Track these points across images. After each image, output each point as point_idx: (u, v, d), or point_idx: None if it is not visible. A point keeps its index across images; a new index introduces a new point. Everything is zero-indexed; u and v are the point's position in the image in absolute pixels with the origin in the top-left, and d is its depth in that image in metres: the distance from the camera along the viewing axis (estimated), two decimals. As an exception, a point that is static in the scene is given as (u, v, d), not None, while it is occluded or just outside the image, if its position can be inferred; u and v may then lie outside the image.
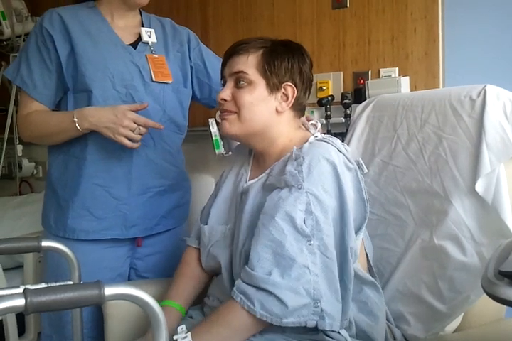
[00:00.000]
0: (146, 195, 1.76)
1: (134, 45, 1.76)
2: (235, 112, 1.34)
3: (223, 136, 2.16)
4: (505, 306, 1.28)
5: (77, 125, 1.60)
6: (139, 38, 1.77)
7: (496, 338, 1.30)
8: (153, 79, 1.73)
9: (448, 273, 1.36)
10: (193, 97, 1.92)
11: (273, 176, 1.30)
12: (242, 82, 1.33)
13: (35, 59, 1.69)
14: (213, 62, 1.89)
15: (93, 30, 1.71)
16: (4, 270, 2.21)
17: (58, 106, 1.75)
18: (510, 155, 1.34)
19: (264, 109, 1.33)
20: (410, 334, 1.39)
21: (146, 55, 1.75)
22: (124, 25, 1.77)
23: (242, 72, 1.33)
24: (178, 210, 1.88)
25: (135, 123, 1.57)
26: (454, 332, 1.39)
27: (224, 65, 1.39)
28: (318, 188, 1.21)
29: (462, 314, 1.38)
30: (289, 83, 1.34)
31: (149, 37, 1.77)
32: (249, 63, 1.33)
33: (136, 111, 1.59)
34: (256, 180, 1.37)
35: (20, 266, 2.28)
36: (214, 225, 1.44)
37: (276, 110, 1.34)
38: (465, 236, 1.36)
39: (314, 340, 1.21)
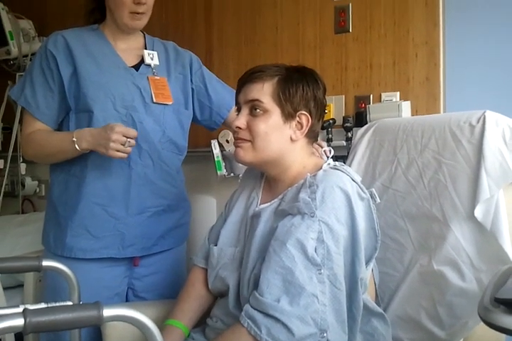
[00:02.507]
0: (144, 215, 1.78)
1: (137, 66, 1.79)
2: (250, 140, 1.34)
3: (225, 158, 2.19)
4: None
5: (76, 145, 1.63)
6: (142, 60, 1.80)
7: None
8: (154, 100, 1.76)
9: (447, 299, 1.36)
10: (194, 119, 1.94)
11: (286, 202, 1.31)
12: (257, 110, 1.33)
13: (38, 80, 1.72)
14: (215, 85, 1.92)
15: (96, 52, 1.75)
16: (4, 289, 2.20)
17: (61, 125, 1.78)
18: (509, 181, 1.35)
19: (279, 137, 1.33)
20: (410, 360, 1.39)
21: (147, 77, 1.78)
22: (127, 48, 1.81)
23: (258, 100, 1.33)
24: (177, 231, 1.89)
25: (124, 136, 1.59)
26: (453, 358, 1.39)
27: (239, 91, 1.39)
28: (330, 217, 1.22)
29: (461, 340, 1.37)
30: (304, 112, 1.34)
31: (152, 59, 1.80)
32: (264, 91, 1.33)
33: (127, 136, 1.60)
34: (268, 204, 1.37)
35: (21, 285, 2.28)
36: (223, 247, 1.44)
37: (291, 138, 1.34)
38: (464, 261, 1.36)
39: None
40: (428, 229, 1.44)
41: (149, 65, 1.80)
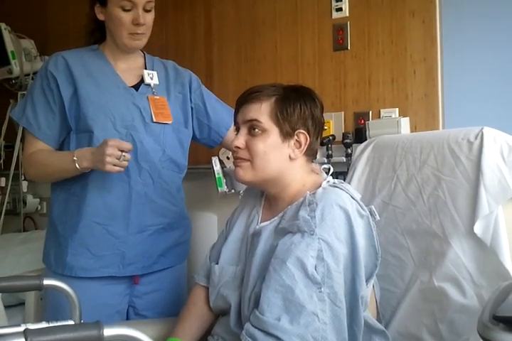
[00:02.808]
0: (145, 234, 1.79)
1: (136, 86, 1.81)
2: (249, 160, 1.35)
3: (226, 174, 2.19)
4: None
5: (76, 164, 1.65)
6: (142, 80, 1.82)
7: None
8: (154, 120, 1.78)
9: (448, 316, 1.36)
10: (193, 137, 1.96)
11: (286, 220, 1.31)
12: (255, 130, 1.34)
13: (40, 101, 1.74)
14: (213, 104, 1.94)
15: (96, 73, 1.77)
16: (5, 307, 2.19)
17: (62, 145, 1.80)
18: (508, 197, 1.36)
19: (278, 156, 1.35)
20: (411, 377, 1.38)
21: (147, 97, 1.80)
22: (127, 68, 1.83)
23: (256, 120, 1.34)
24: (177, 248, 1.89)
25: (120, 150, 1.59)
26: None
27: (237, 111, 1.40)
28: (330, 235, 1.22)
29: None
30: (302, 130, 1.35)
31: (151, 79, 1.82)
32: (262, 111, 1.34)
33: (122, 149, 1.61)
34: (268, 222, 1.38)
35: (22, 303, 2.27)
36: (224, 265, 1.44)
37: (290, 157, 1.35)
38: (464, 278, 1.36)
39: None
40: (428, 245, 1.45)
41: (149, 85, 1.82)
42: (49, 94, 1.74)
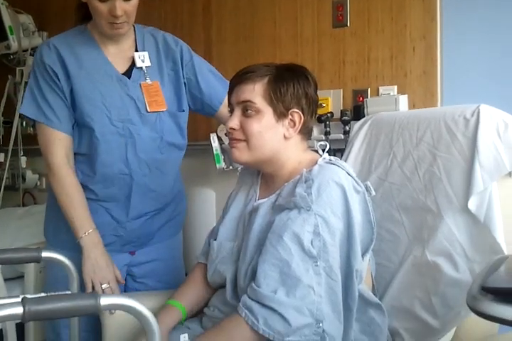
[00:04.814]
0: (142, 219, 1.83)
1: (128, 72, 1.78)
2: (244, 140, 1.36)
3: (224, 151, 2.20)
4: (497, 323, 1.29)
5: (80, 237, 1.66)
6: (133, 63, 1.79)
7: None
8: (148, 110, 1.77)
9: (441, 289, 1.38)
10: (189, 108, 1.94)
11: (283, 197, 1.33)
12: (249, 111, 1.34)
13: (52, 95, 1.72)
14: (206, 76, 1.90)
15: (88, 64, 1.74)
16: (5, 280, 2.22)
17: None
18: (503, 174, 1.37)
19: (273, 136, 1.35)
20: (404, 349, 1.41)
21: (140, 84, 1.78)
22: (117, 51, 1.79)
23: (249, 101, 1.34)
24: (172, 222, 1.93)
25: (109, 282, 1.66)
26: (446, 347, 1.41)
27: (230, 92, 1.40)
28: (326, 211, 1.24)
29: (454, 329, 1.39)
30: (296, 110, 1.35)
31: (143, 61, 1.79)
32: (255, 92, 1.34)
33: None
34: (266, 199, 1.39)
35: (21, 276, 2.30)
36: (223, 241, 1.46)
37: (284, 136, 1.36)
38: (458, 252, 1.38)
39: None
40: (423, 221, 1.46)
41: (141, 68, 1.79)
42: (55, 87, 1.71)
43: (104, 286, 1.64)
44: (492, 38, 1.90)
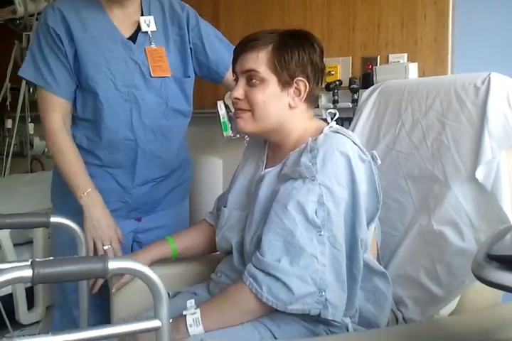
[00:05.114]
0: (148, 185, 1.84)
1: (134, 36, 1.77)
2: (249, 110, 1.34)
3: (231, 118, 2.19)
4: (501, 291, 1.30)
5: (79, 197, 1.67)
6: (139, 27, 1.77)
7: (488, 322, 1.32)
8: (152, 74, 1.76)
9: (446, 258, 1.38)
10: (195, 75, 1.92)
11: (288, 166, 1.32)
12: (254, 80, 1.32)
13: (52, 58, 1.71)
14: (212, 42, 1.88)
15: (93, 28, 1.73)
16: (14, 245, 2.26)
17: None
18: (512, 143, 1.36)
19: (278, 105, 1.34)
20: (407, 317, 1.42)
21: (145, 48, 1.76)
22: (123, 15, 1.77)
23: (254, 70, 1.32)
24: (178, 189, 1.95)
25: (111, 242, 1.67)
26: (450, 315, 1.42)
27: (235, 61, 1.38)
28: (331, 180, 1.24)
29: (458, 298, 1.41)
30: (301, 78, 1.33)
31: (148, 26, 1.77)
32: (259, 61, 1.32)
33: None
34: (272, 168, 1.39)
35: (30, 242, 2.33)
36: (232, 209, 1.48)
37: (290, 105, 1.34)
38: (464, 222, 1.37)
39: (317, 320, 1.25)
40: (429, 190, 1.46)
41: (146, 33, 1.77)
42: (58, 51, 1.70)
43: (105, 247, 1.65)
44: (506, 5, 1.87)
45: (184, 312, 1.24)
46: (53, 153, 1.75)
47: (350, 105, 2.10)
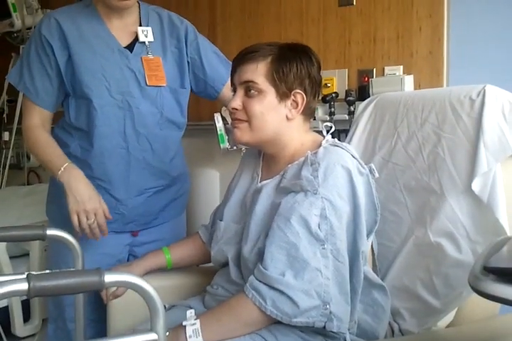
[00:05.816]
0: (144, 196, 1.82)
1: (131, 45, 1.78)
2: (246, 121, 1.35)
3: (228, 131, 2.20)
4: (498, 303, 1.30)
5: (58, 175, 1.64)
6: (137, 37, 1.78)
7: (485, 334, 1.32)
8: (147, 83, 1.76)
9: (443, 270, 1.39)
10: (191, 90, 1.93)
11: (287, 179, 1.33)
12: (252, 91, 1.34)
13: (36, 66, 1.72)
14: (210, 57, 1.89)
15: (89, 35, 1.73)
16: (10, 257, 2.25)
17: (61, 107, 1.80)
18: (507, 155, 1.36)
19: (275, 117, 1.35)
20: (404, 328, 1.42)
21: (141, 57, 1.77)
22: (121, 25, 1.78)
23: (252, 81, 1.33)
24: (176, 202, 1.93)
25: (95, 215, 1.62)
26: (447, 327, 1.42)
27: (233, 72, 1.40)
28: (333, 194, 1.25)
29: (455, 310, 1.40)
30: (299, 90, 1.34)
31: (146, 36, 1.78)
32: (258, 72, 1.33)
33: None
34: (269, 180, 1.39)
35: (26, 254, 2.32)
36: (229, 223, 1.48)
37: (287, 117, 1.35)
38: (460, 233, 1.38)
39: (315, 331, 1.25)
40: (426, 201, 1.46)
41: (143, 43, 1.78)
42: (45, 60, 1.71)
43: (90, 221, 1.61)
44: (501, 18, 1.88)
45: (184, 323, 1.24)
46: (29, 147, 1.77)
47: (347, 117, 2.10)
